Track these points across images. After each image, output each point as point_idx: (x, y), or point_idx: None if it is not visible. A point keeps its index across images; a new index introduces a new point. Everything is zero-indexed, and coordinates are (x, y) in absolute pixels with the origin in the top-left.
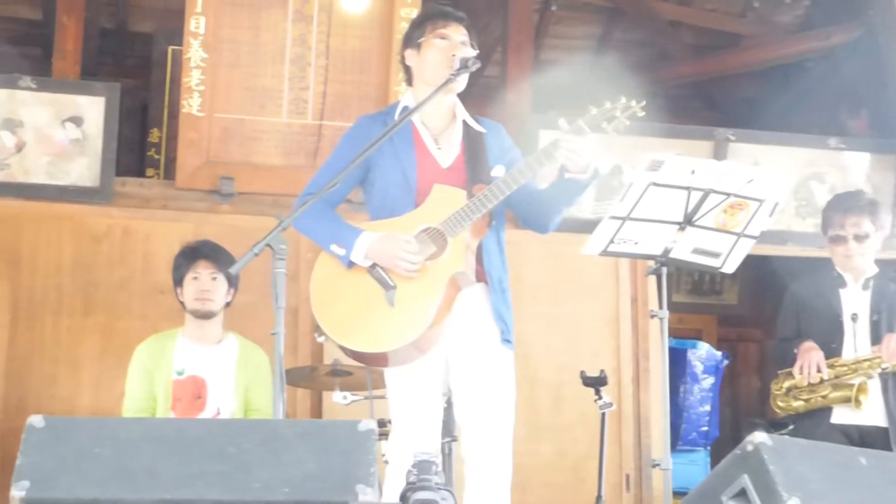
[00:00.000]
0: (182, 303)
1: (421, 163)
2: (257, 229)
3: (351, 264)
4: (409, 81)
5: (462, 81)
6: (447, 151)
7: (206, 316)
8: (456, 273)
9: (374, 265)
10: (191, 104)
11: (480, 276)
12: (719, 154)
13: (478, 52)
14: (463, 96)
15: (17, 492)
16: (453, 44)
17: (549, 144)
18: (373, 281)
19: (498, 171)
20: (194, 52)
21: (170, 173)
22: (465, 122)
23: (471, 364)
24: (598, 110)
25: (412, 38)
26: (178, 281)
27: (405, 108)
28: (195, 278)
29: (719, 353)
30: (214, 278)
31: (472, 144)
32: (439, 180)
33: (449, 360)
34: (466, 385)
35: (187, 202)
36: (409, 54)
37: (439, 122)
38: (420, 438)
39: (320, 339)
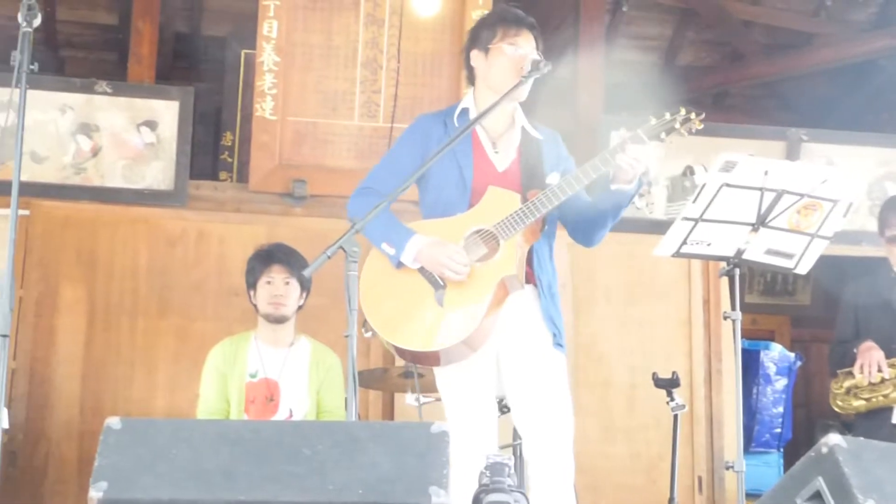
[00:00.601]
0: (255, 306)
1: (478, 165)
2: (330, 232)
3: (400, 265)
4: (472, 81)
5: (525, 90)
6: (504, 155)
7: (279, 320)
8: (507, 276)
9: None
10: (263, 107)
11: (530, 279)
12: (792, 154)
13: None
14: (533, 99)
15: (96, 492)
16: (523, 53)
17: (606, 150)
18: (423, 280)
19: (553, 179)
20: (267, 55)
21: (243, 176)
22: (523, 128)
23: (524, 369)
24: (658, 121)
25: (481, 40)
26: (252, 284)
27: (465, 109)
28: (269, 283)
29: (792, 355)
30: (288, 283)
31: (529, 150)
32: (495, 183)
33: (500, 364)
34: (521, 391)
35: (260, 205)
36: (476, 55)
37: (499, 125)
38: (476, 439)
39: (367, 335)
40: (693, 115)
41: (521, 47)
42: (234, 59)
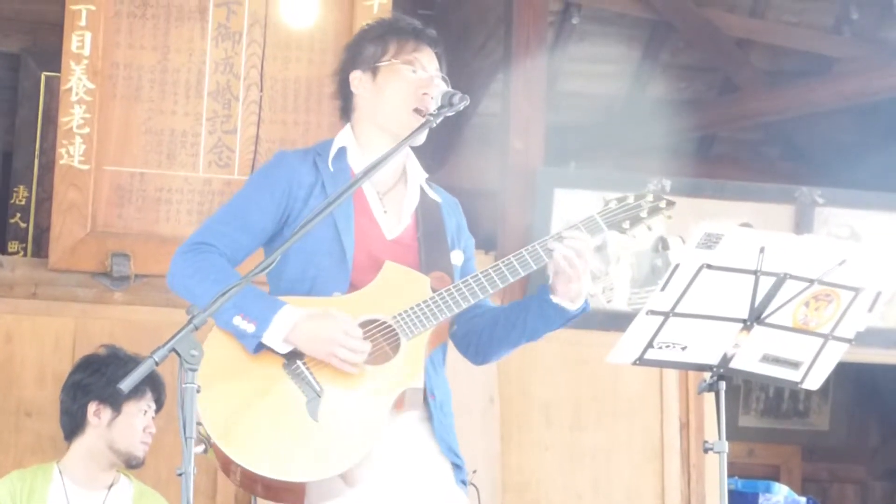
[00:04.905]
0: (82, 425)
1: (360, 227)
2: (161, 326)
3: (259, 348)
4: (346, 113)
5: (422, 135)
6: (395, 218)
7: (138, 465)
8: (410, 389)
9: (294, 358)
10: (71, 152)
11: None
12: (803, 222)
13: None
14: (450, 142)
15: None
16: (426, 77)
17: (550, 236)
18: (289, 381)
19: (456, 258)
20: (77, 80)
21: (41, 248)
22: (421, 188)
23: None
24: (619, 204)
25: (365, 57)
26: (114, 405)
27: (342, 149)
28: (145, 412)
29: (804, 499)
30: (154, 416)
31: (428, 216)
32: (382, 255)
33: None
34: None
35: (65, 288)
36: (359, 79)
37: (387, 177)
38: None
39: (198, 450)
40: (663, 204)
41: (424, 68)
42: (30, 85)
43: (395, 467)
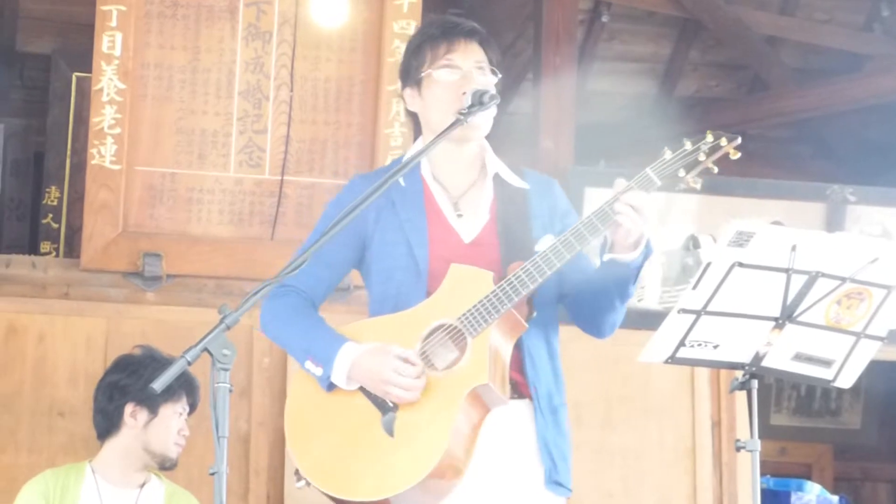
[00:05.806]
0: (118, 425)
1: (434, 236)
2: (194, 326)
3: (331, 387)
4: (420, 128)
5: (482, 125)
6: (472, 219)
7: (172, 467)
8: (478, 386)
9: None
10: (102, 153)
11: (522, 390)
12: (835, 220)
13: (500, 76)
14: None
15: None
16: (465, 74)
17: (605, 203)
18: (366, 402)
19: (545, 245)
20: (108, 81)
21: (73, 249)
22: (498, 177)
23: None
24: (674, 153)
25: (410, 72)
26: (151, 406)
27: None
28: (181, 414)
29: (836, 498)
30: (187, 418)
31: (509, 207)
32: (461, 260)
33: None
34: None
35: (97, 289)
36: (410, 95)
37: (461, 178)
38: None
39: (299, 485)
40: (724, 142)
41: (460, 67)
42: (62, 86)
43: (484, 470)
